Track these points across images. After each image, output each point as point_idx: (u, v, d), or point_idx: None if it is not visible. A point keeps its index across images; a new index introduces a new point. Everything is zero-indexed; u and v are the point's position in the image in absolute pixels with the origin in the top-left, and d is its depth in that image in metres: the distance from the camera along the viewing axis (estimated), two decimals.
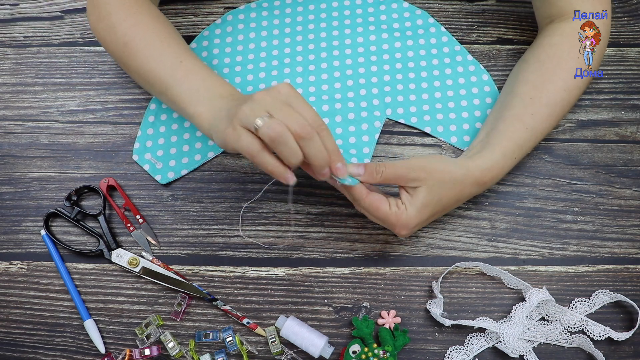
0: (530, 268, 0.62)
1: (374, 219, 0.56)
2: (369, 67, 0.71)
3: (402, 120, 0.68)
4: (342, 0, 0.75)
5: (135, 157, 0.67)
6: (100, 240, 0.64)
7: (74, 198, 0.65)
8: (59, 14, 0.76)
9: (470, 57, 0.71)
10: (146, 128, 0.69)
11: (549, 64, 0.62)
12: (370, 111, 0.68)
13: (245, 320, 0.60)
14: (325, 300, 0.61)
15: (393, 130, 0.68)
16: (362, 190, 0.54)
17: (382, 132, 0.68)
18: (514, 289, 0.61)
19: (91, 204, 0.67)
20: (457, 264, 0.61)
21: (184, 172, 0.66)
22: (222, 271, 0.63)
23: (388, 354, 0.57)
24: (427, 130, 0.67)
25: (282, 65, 0.71)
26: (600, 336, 0.58)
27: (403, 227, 0.54)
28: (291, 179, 0.49)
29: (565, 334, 0.59)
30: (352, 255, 0.63)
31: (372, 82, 0.70)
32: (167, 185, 0.66)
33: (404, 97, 0.69)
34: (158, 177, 0.66)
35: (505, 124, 0.60)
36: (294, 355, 0.59)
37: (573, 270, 0.62)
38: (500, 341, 0.58)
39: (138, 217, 0.65)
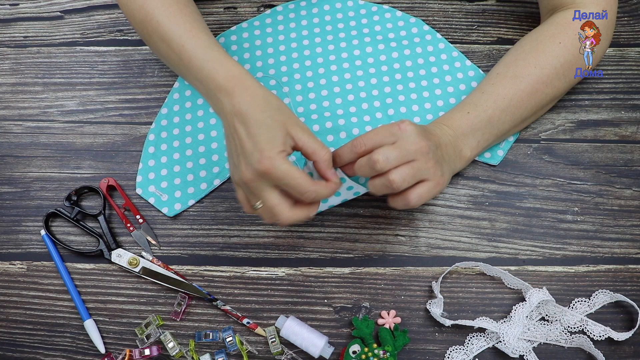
0: (530, 268, 0.62)
1: (409, 177, 0.52)
2: (368, 80, 0.70)
3: None
4: (335, 13, 0.74)
5: (139, 191, 0.66)
6: (100, 240, 0.64)
7: (74, 198, 0.65)
8: (59, 14, 0.76)
9: (468, 63, 0.71)
10: (147, 160, 0.67)
11: (528, 47, 0.63)
12: (374, 125, 0.67)
13: (245, 320, 0.60)
14: (325, 300, 0.61)
15: None
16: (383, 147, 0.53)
17: None
18: (514, 289, 0.61)
19: (91, 204, 0.67)
20: (457, 264, 0.61)
21: (191, 202, 0.65)
22: (222, 271, 0.63)
23: (388, 354, 0.57)
24: None
25: (281, 84, 0.70)
26: (600, 336, 0.58)
27: (411, 131, 0.53)
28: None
29: (565, 334, 0.59)
30: (352, 255, 0.63)
31: (373, 95, 0.69)
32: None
33: (407, 107, 0.69)
34: (165, 210, 0.65)
35: (466, 96, 0.64)
36: (294, 355, 0.59)
37: (573, 270, 0.62)
38: (500, 341, 0.58)
39: (138, 217, 0.65)
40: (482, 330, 0.59)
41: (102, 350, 0.60)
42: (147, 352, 0.59)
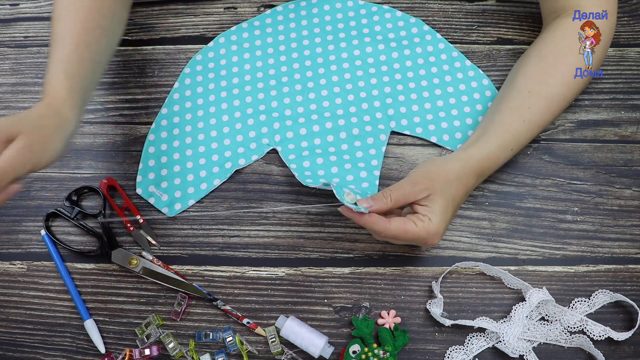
0: (530, 268, 0.62)
1: (401, 242, 0.56)
2: (368, 80, 0.70)
3: (407, 132, 0.67)
4: (335, 13, 0.74)
5: (139, 191, 0.66)
6: (100, 240, 0.64)
7: (74, 198, 0.65)
8: None
9: (468, 63, 0.71)
10: (147, 160, 0.67)
11: (550, 58, 0.62)
12: (375, 125, 0.68)
13: (245, 320, 0.60)
14: (325, 300, 0.61)
15: (393, 130, 0.68)
16: (383, 221, 0.54)
17: None
18: (514, 289, 0.61)
19: (91, 204, 0.67)
20: (457, 264, 0.61)
21: (191, 202, 0.65)
22: (222, 271, 0.63)
23: (388, 354, 0.57)
24: (433, 140, 0.67)
25: (281, 84, 0.70)
26: (600, 336, 0.58)
27: (434, 237, 0.55)
28: None
29: (565, 334, 0.59)
30: (352, 255, 0.63)
31: (373, 95, 0.69)
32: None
33: (407, 107, 0.69)
34: (165, 210, 0.65)
35: (502, 115, 0.61)
36: (294, 355, 0.59)
37: (573, 270, 0.62)
38: (500, 341, 0.58)
39: (138, 217, 0.65)
40: (482, 330, 0.59)
41: (102, 350, 0.60)
42: (147, 352, 0.59)
